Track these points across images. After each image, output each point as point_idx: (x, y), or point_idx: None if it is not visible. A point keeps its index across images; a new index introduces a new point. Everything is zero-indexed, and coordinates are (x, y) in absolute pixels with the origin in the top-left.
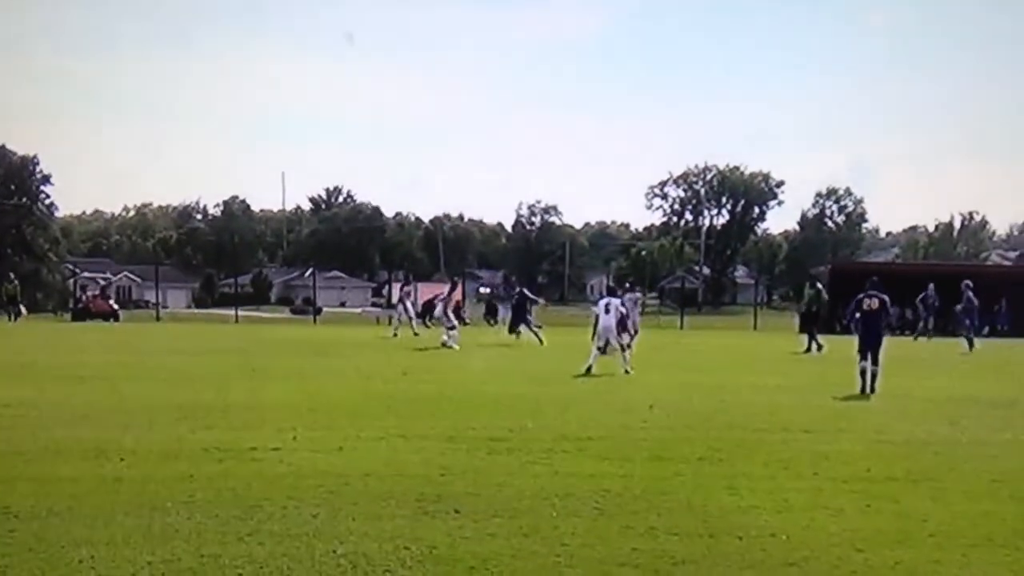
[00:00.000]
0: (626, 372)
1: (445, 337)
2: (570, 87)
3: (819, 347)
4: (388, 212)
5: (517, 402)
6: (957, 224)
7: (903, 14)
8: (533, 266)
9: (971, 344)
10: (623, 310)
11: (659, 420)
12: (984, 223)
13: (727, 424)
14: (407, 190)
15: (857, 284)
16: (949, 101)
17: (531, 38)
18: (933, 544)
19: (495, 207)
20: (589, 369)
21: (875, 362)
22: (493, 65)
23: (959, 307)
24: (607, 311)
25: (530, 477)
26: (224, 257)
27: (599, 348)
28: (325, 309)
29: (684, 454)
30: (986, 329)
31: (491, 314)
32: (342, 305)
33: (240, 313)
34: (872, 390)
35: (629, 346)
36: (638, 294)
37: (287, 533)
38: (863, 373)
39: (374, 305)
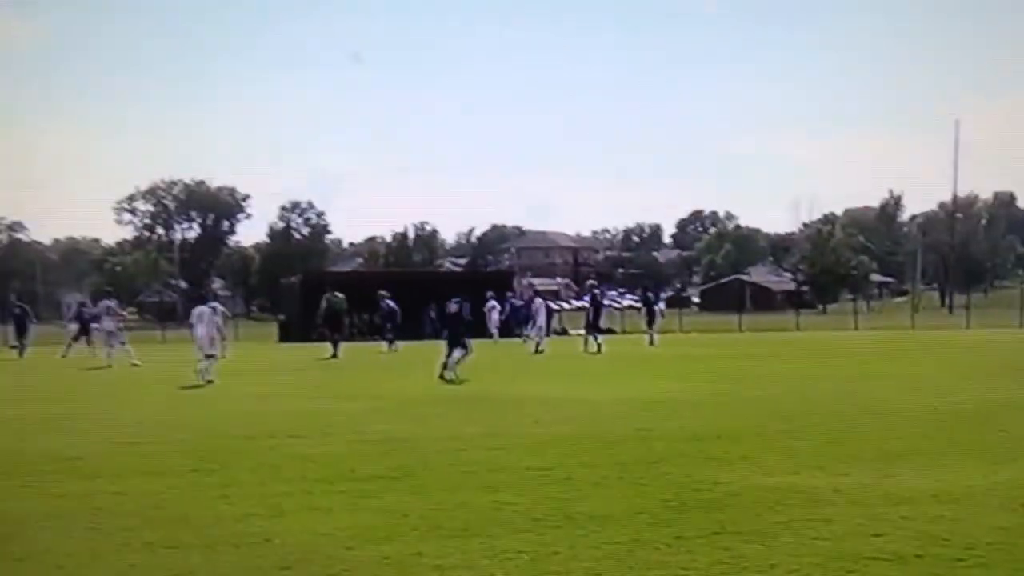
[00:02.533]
0: (209, 382)
1: None
2: (19, 92)
3: (335, 354)
4: None
5: None
6: (412, 234)
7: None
8: (3, 284)
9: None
10: (218, 319)
11: (150, 434)
12: (435, 233)
13: (218, 433)
14: None
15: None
16: (390, 119)
17: None
18: (416, 537)
19: None
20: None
21: (460, 350)
22: None
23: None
24: (200, 320)
25: (18, 500)
26: None
27: (206, 356)
28: None
29: (176, 466)
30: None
31: None
32: None
33: None
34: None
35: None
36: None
37: None
38: (446, 366)
39: None
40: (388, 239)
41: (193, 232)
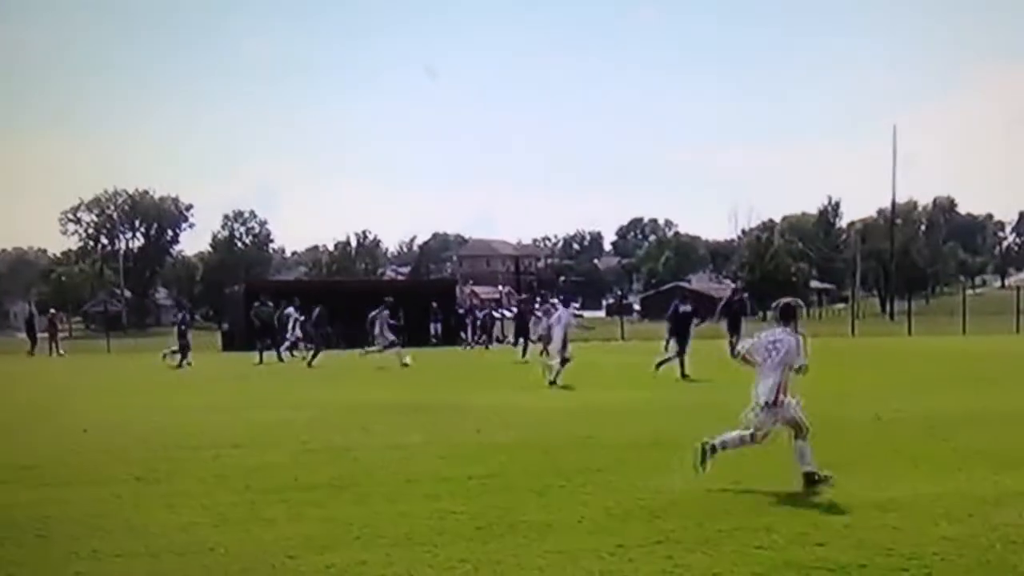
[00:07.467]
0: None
1: None
2: None
3: (262, 359)
4: None
5: None
6: (354, 243)
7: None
8: None
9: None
10: (574, 321)
11: (95, 443)
12: (377, 241)
13: (162, 444)
14: None
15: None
16: (328, 123)
17: None
18: (359, 546)
19: None
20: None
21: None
22: None
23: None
24: (559, 322)
25: None
26: None
27: (564, 357)
28: None
29: (122, 476)
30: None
31: None
32: None
33: None
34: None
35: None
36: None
37: None
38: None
39: None
40: (331, 248)
41: (137, 242)
